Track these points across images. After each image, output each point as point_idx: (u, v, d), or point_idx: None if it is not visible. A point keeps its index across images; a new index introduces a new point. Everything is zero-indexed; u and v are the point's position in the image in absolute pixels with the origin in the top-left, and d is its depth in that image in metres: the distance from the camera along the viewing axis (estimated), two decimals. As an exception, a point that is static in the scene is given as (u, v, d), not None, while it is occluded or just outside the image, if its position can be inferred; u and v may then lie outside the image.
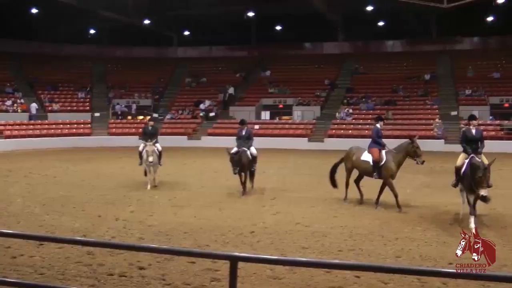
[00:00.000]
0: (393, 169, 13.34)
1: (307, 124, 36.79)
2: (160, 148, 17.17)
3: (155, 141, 16.96)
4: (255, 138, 16.64)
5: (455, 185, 11.81)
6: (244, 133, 15.91)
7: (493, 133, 31.75)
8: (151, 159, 16.37)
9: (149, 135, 16.98)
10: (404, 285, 7.69)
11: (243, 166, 15.25)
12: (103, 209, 13.24)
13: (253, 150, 15.77)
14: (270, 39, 46.84)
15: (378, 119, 14.37)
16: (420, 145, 13.36)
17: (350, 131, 34.65)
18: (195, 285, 7.72)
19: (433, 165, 19.76)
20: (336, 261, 8.26)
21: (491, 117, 33.89)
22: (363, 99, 38.65)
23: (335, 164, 14.63)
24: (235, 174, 15.29)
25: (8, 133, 34.45)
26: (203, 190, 16.48)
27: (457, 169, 11.65)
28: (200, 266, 8.35)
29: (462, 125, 32.17)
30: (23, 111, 38.08)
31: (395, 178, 13.52)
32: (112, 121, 39.82)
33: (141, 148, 16.98)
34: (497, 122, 33.55)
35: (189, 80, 45.53)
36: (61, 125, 37.61)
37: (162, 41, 49.32)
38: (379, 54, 44.15)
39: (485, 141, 11.77)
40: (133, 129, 36.40)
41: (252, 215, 12.69)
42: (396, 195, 13.10)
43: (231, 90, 42.15)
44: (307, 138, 35.14)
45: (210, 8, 40.19)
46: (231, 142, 17.10)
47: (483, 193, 10.43)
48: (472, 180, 10.70)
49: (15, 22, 42.16)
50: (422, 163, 13.15)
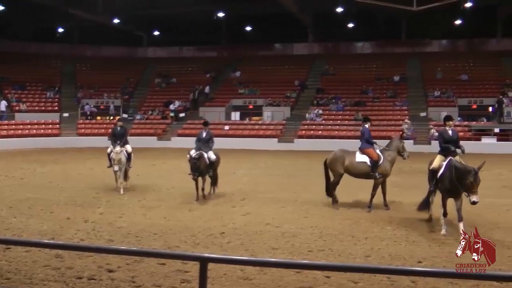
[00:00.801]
0: (388, 168, 13.63)
1: (277, 125, 36.86)
2: (130, 149, 16.81)
3: (125, 142, 16.63)
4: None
5: (433, 190, 11.60)
6: (204, 135, 15.29)
7: (461, 134, 32.13)
8: (116, 168, 15.96)
9: (118, 136, 16.58)
10: (374, 284, 7.77)
11: (201, 171, 14.54)
12: (71, 211, 13.05)
13: (211, 154, 14.99)
14: (240, 39, 46.86)
15: (366, 120, 14.42)
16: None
17: (320, 131, 34.89)
18: (165, 286, 7.69)
19: (402, 165, 19.96)
20: (306, 261, 8.33)
21: (459, 118, 34.47)
22: (333, 100, 38.91)
23: (326, 177, 13.93)
24: (194, 180, 14.46)
25: (-28, 134, 33.64)
26: (173, 191, 16.35)
27: (433, 171, 11.38)
28: (170, 267, 8.31)
29: (431, 126, 32.80)
30: (-12, 110, 37.23)
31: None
32: (81, 121, 39.21)
33: (109, 150, 16.60)
34: (465, 123, 34.27)
35: (159, 81, 45.26)
36: (28, 126, 36.83)
37: (132, 41, 48.89)
38: (349, 55, 44.53)
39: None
40: (102, 130, 35.97)
41: (222, 216, 12.68)
42: (373, 196, 13.36)
43: (207, 89, 42.11)
44: (277, 139, 35.19)
45: (179, 8, 40.02)
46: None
47: (474, 199, 9.92)
48: (461, 184, 10.24)
49: (-19, 19, 41.24)
50: (408, 157, 13.96)
